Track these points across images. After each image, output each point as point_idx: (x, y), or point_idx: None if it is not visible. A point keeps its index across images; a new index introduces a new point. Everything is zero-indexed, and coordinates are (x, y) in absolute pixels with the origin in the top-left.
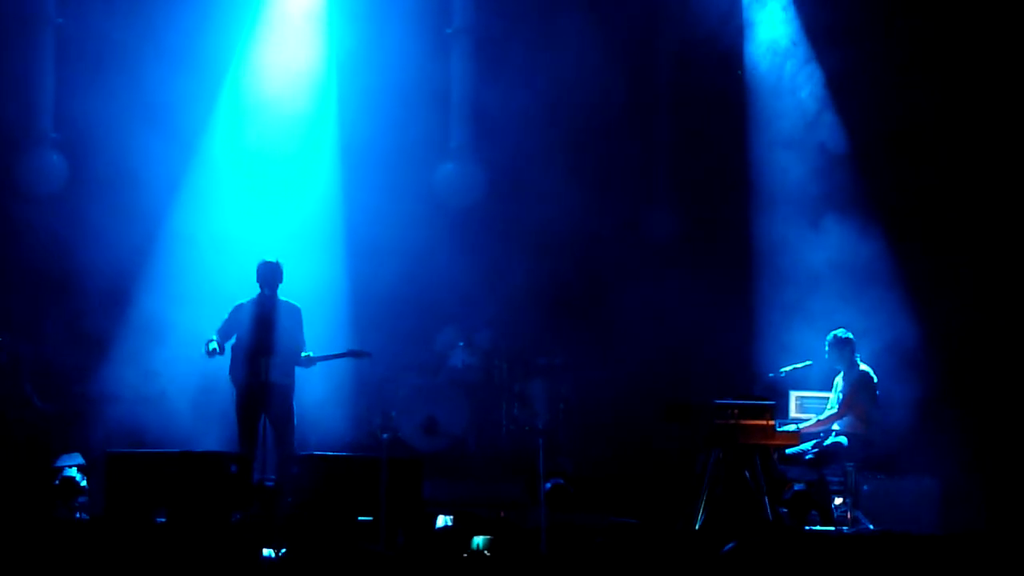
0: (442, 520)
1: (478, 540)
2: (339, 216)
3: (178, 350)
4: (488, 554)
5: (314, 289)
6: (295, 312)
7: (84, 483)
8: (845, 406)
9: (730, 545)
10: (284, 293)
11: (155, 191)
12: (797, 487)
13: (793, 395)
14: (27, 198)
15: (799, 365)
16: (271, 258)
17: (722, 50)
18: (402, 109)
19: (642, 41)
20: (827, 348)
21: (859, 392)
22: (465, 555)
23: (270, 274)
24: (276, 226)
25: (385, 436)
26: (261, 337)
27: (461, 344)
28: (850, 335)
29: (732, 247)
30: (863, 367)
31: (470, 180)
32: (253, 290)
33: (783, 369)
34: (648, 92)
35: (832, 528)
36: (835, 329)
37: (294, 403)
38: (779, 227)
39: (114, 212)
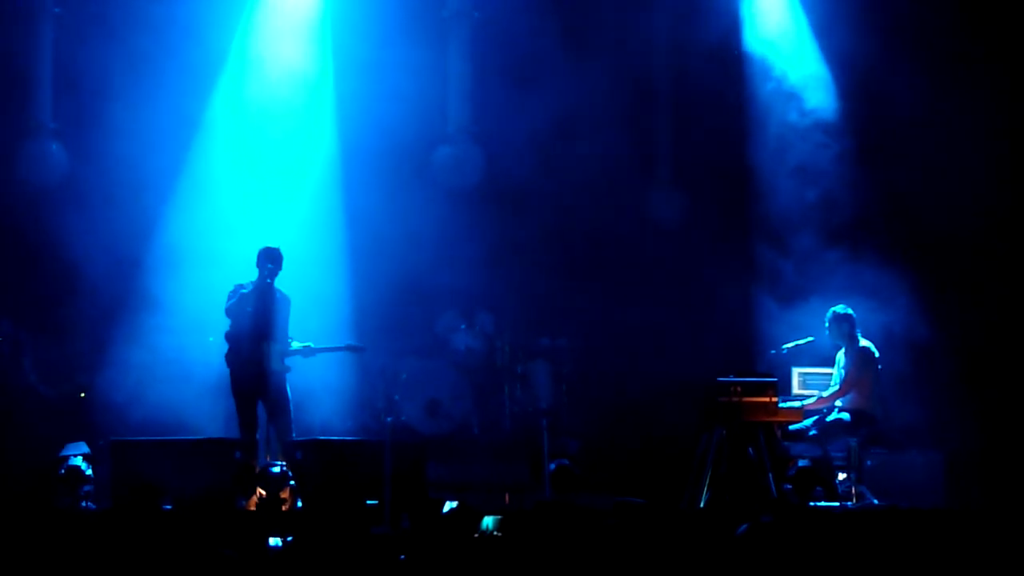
0: (449, 507)
1: (488, 521)
2: (338, 200)
3: (181, 337)
4: (499, 535)
5: (315, 275)
6: (287, 302)
7: (89, 472)
8: (847, 383)
9: (743, 527)
10: (278, 281)
11: (155, 179)
12: (801, 463)
13: (796, 371)
14: (27, 188)
15: (801, 341)
16: (272, 244)
17: (722, 34)
18: (400, 92)
19: (642, 23)
20: (827, 324)
21: (861, 368)
22: (476, 536)
23: (272, 260)
24: (275, 211)
25: (388, 420)
26: (262, 323)
27: (463, 327)
28: (850, 311)
29: (735, 228)
30: (864, 343)
31: (468, 162)
32: (251, 275)
33: (785, 346)
34: (649, 73)
35: (837, 504)
36: (835, 305)
37: (288, 389)
38: (782, 208)
39: (114, 201)
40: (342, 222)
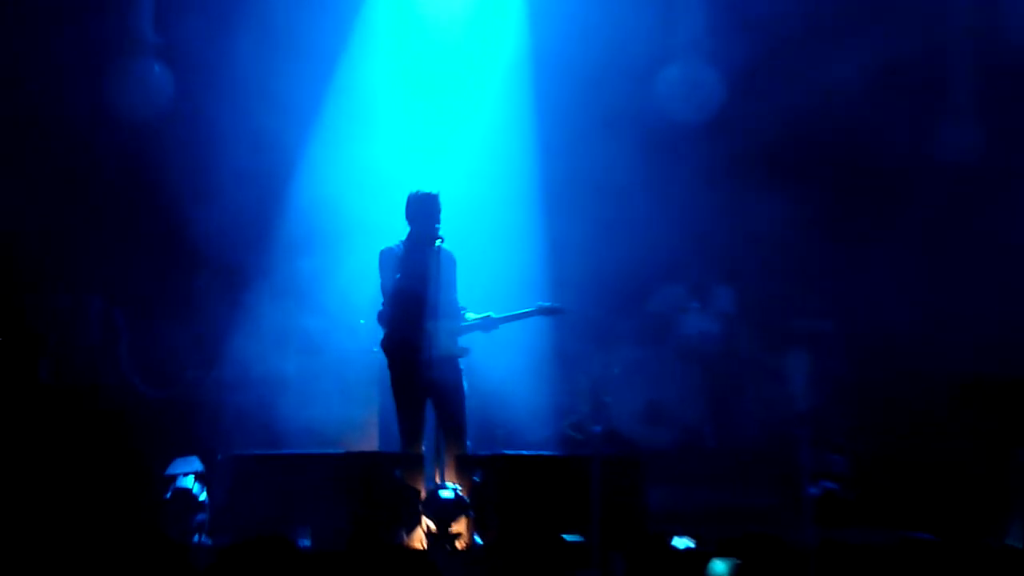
0: (680, 543)
1: (719, 566)
2: (528, 140)
3: (322, 321)
4: None
5: (496, 237)
6: (452, 261)
7: (203, 496)
8: None
9: None
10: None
11: (288, 112)
12: None
13: None
14: (122, 124)
15: None
16: (427, 188)
17: None
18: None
19: None
20: None
21: None
22: None
23: (427, 210)
24: (446, 155)
25: (596, 429)
26: (420, 295)
27: (695, 305)
28: None
29: None
30: None
31: (702, 88)
32: (401, 233)
33: None
34: None
35: None
36: None
37: (465, 382)
38: None
39: (236, 142)
40: (534, 168)
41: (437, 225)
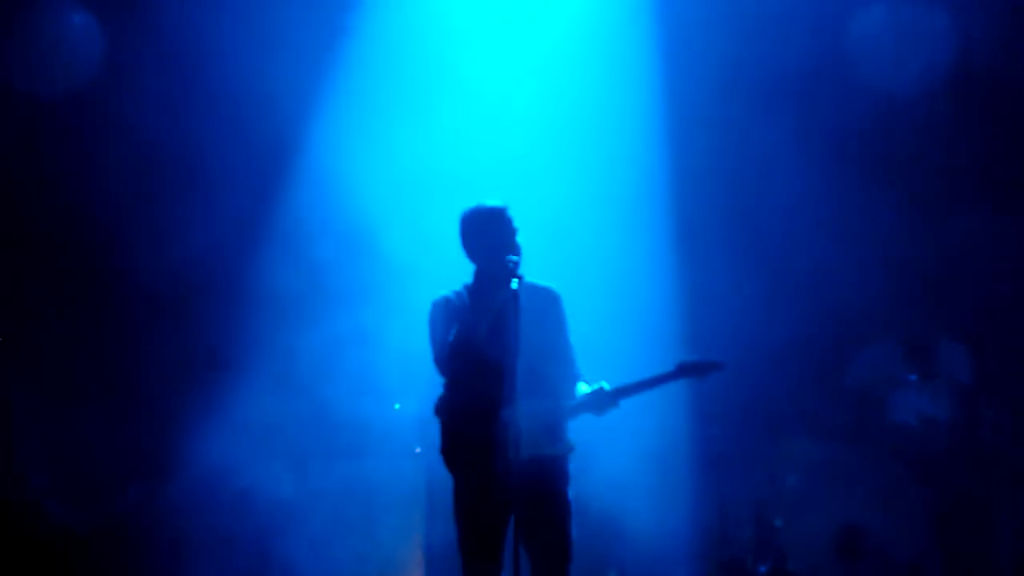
0: None
1: None
2: (656, 131)
3: (337, 407)
4: None
5: (610, 274)
6: (551, 302)
7: None
8: None
9: None
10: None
11: (287, 82)
12: None
13: None
14: (27, 102)
15: None
16: (489, 201)
17: None
18: None
19: None
20: None
21: None
22: None
23: (494, 233)
24: (535, 157)
25: (762, 569)
26: (494, 364)
27: (911, 376)
28: None
29: None
30: None
31: (925, 46)
32: (465, 274)
33: None
34: None
35: None
36: None
37: (570, 492)
38: None
39: (203, 127)
40: (661, 169)
41: (513, 255)
